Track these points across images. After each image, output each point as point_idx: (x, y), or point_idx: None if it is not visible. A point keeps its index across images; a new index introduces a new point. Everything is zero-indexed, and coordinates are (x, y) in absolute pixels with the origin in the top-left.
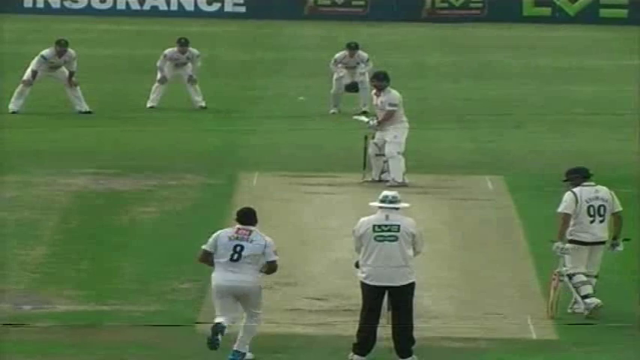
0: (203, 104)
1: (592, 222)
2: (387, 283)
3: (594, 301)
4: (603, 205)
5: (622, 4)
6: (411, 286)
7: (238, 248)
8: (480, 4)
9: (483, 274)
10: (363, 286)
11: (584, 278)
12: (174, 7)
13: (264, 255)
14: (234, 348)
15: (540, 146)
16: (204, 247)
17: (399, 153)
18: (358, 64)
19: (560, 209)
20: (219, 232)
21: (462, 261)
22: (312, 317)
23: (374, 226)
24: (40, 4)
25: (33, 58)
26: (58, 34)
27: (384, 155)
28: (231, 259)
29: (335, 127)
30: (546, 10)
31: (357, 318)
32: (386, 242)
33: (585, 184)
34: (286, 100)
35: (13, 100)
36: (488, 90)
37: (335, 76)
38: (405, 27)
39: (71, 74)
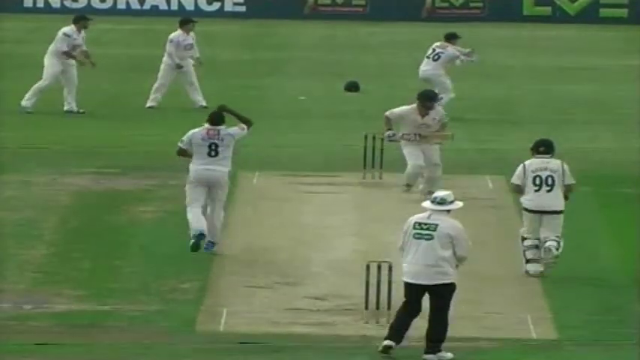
0: (204, 103)
1: (537, 191)
2: (420, 281)
3: (536, 268)
4: (551, 176)
5: (622, 4)
6: (445, 287)
7: (213, 146)
8: (480, 4)
9: (483, 274)
10: (404, 282)
11: (533, 243)
12: (174, 6)
13: (234, 138)
14: (208, 239)
15: None
16: (180, 144)
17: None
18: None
19: (512, 181)
20: (192, 131)
21: None
22: (312, 316)
23: (415, 223)
24: (40, 3)
25: (33, 58)
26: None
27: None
28: (209, 156)
29: (335, 126)
30: (546, 10)
31: (357, 317)
32: (422, 240)
33: (539, 156)
34: (286, 100)
35: (27, 97)
36: (488, 90)
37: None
38: (405, 26)
39: (85, 53)
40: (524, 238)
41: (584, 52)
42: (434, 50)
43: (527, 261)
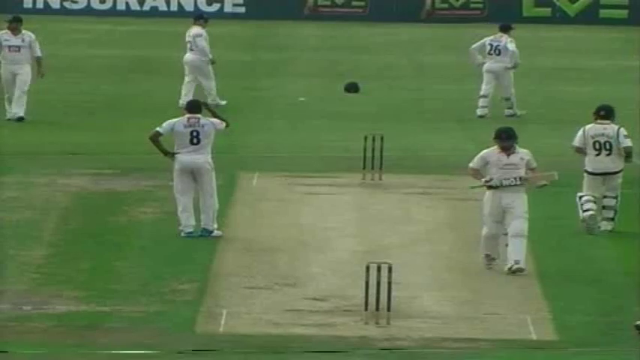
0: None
1: (597, 155)
2: None
3: (589, 212)
4: (609, 142)
5: (622, 5)
6: None
7: (195, 133)
8: (480, 5)
9: (483, 275)
10: None
11: (590, 198)
12: (174, 7)
13: (215, 129)
14: (203, 227)
15: (540, 146)
16: (158, 129)
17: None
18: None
19: (573, 143)
20: (173, 120)
21: (462, 261)
22: (312, 317)
23: None
24: (40, 4)
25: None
26: (57, 35)
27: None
28: (192, 143)
29: (335, 127)
30: (546, 11)
31: (357, 319)
32: None
33: (599, 121)
34: (286, 100)
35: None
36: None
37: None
38: (404, 27)
39: (38, 60)
40: (581, 197)
41: (584, 52)
42: (492, 46)
43: (584, 211)
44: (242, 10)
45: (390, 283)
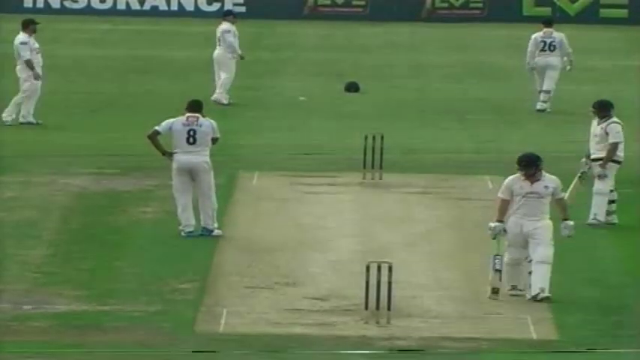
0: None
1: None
2: None
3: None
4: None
5: (622, 4)
6: None
7: (192, 132)
8: (480, 4)
9: (483, 274)
10: None
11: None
12: (174, 7)
13: (213, 132)
14: (202, 225)
15: (540, 146)
16: (157, 127)
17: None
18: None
19: (617, 139)
20: (172, 119)
21: (462, 261)
22: (312, 317)
23: None
24: (40, 3)
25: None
26: (57, 34)
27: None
28: (188, 142)
29: (335, 126)
30: (546, 10)
31: (357, 318)
32: None
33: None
34: (286, 100)
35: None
36: (488, 90)
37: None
38: (405, 27)
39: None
40: (611, 190)
41: (584, 52)
42: (545, 43)
43: (609, 213)
44: (242, 9)
45: (390, 283)
